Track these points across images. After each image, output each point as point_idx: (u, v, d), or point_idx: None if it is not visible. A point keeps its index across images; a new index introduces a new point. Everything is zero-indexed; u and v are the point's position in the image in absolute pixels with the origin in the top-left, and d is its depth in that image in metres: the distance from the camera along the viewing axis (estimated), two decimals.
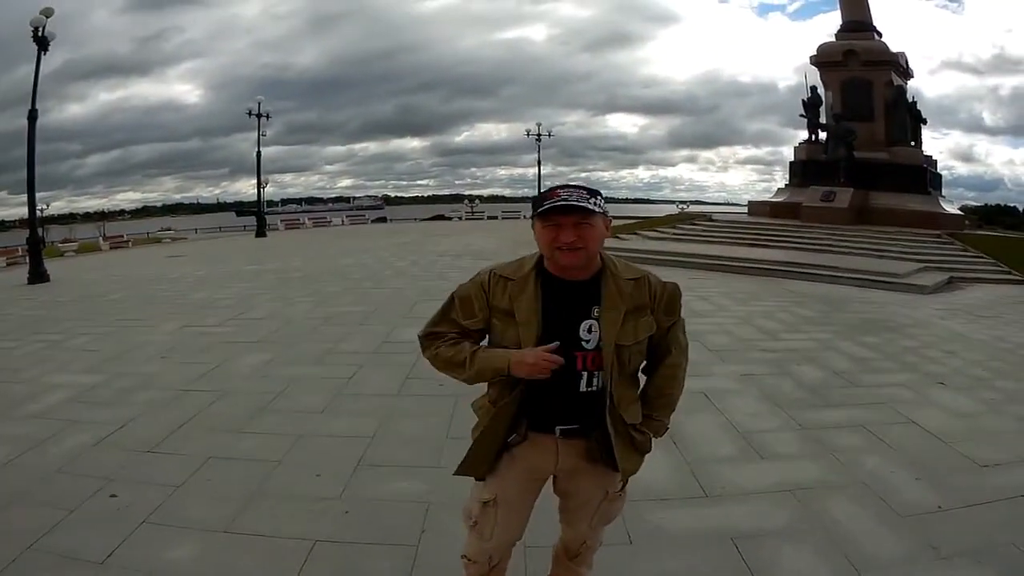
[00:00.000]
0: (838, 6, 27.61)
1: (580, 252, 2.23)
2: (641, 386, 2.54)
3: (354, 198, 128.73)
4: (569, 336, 2.29)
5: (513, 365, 2.27)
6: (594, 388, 2.33)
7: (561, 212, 2.20)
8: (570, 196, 2.21)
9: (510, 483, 2.47)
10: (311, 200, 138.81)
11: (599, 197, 2.27)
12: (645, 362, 2.51)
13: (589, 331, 2.30)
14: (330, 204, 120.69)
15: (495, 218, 47.14)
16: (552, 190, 2.27)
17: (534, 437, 2.41)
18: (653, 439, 2.55)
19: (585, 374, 2.31)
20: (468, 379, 2.43)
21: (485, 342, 2.48)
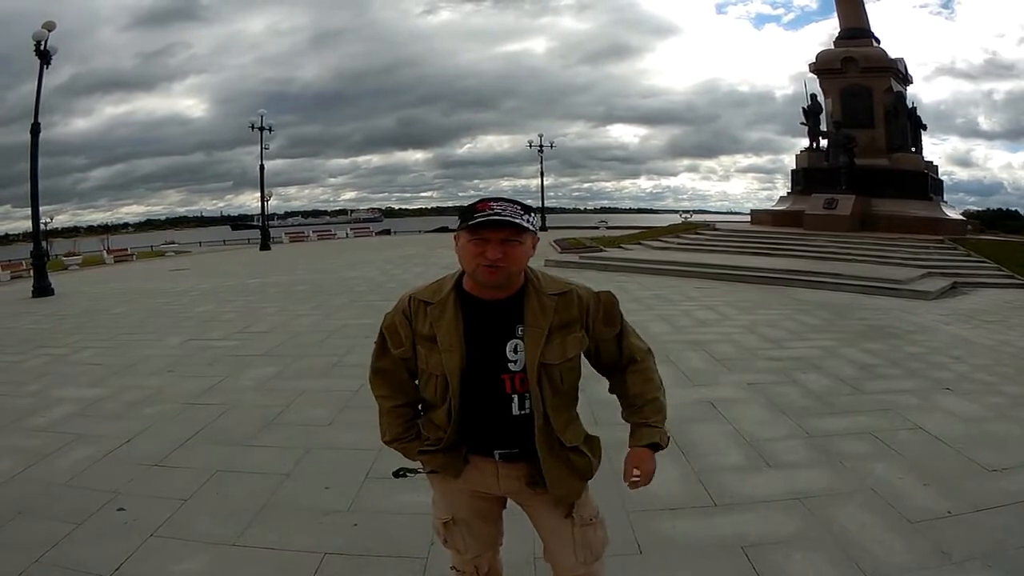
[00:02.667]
0: (836, 15, 27.69)
1: (502, 271, 2.11)
2: (578, 405, 2.39)
3: (352, 211, 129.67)
4: (495, 358, 2.20)
5: None
6: (527, 411, 2.23)
7: (491, 227, 2.07)
8: (503, 210, 2.07)
9: (460, 505, 2.42)
10: (316, 213, 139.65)
11: (532, 214, 2.16)
12: (608, 378, 2.43)
13: (515, 351, 2.20)
14: (327, 217, 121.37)
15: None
16: (483, 201, 2.12)
17: (474, 460, 2.33)
18: (594, 466, 2.37)
19: (516, 397, 2.22)
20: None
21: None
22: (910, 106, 25.63)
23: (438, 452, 2.33)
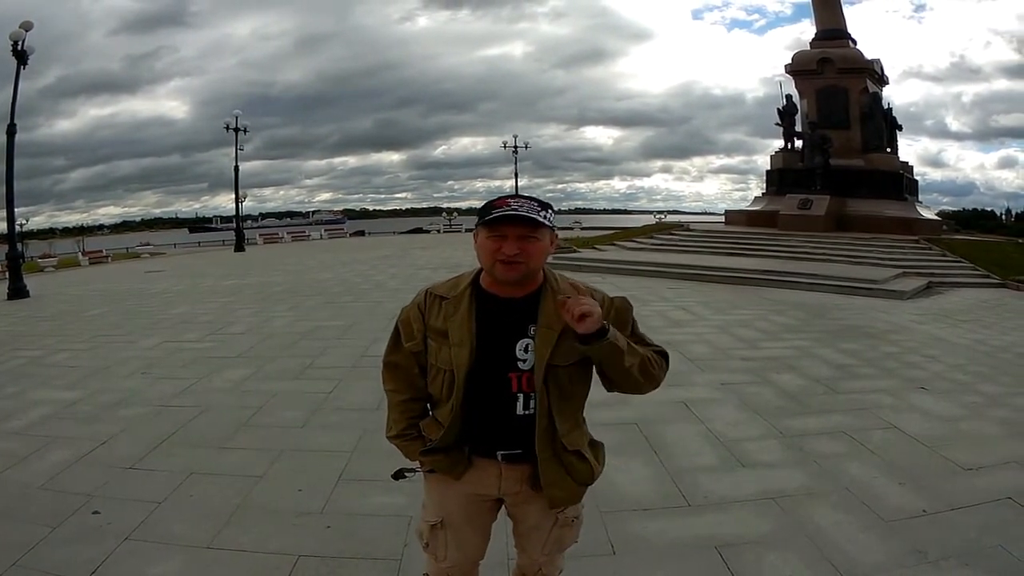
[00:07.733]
0: (812, 17, 27.85)
1: (519, 266, 2.12)
2: (585, 412, 2.38)
3: (312, 212, 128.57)
4: (505, 356, 2.20)
5: None
6: (532, 411, 2.21)
7: (508, 222, 2.10)
8: (520, 207, 2.09)
9: (454, 508, 2.39)
10: (289, 214, 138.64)
11: (550, 211, 2.16)
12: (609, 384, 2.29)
13: (526, 350, 2.19)
14: (288, 219, 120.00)
15: (472, 231, 46.72)
16: (502, 198, 2.16)
17: (476, 462, 2.31)
18: (596, 472, 2.33)
19: (521, 396, 2.21)
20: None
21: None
22: (886, 107, 25.88)
23: (440, 451, 2.31)
